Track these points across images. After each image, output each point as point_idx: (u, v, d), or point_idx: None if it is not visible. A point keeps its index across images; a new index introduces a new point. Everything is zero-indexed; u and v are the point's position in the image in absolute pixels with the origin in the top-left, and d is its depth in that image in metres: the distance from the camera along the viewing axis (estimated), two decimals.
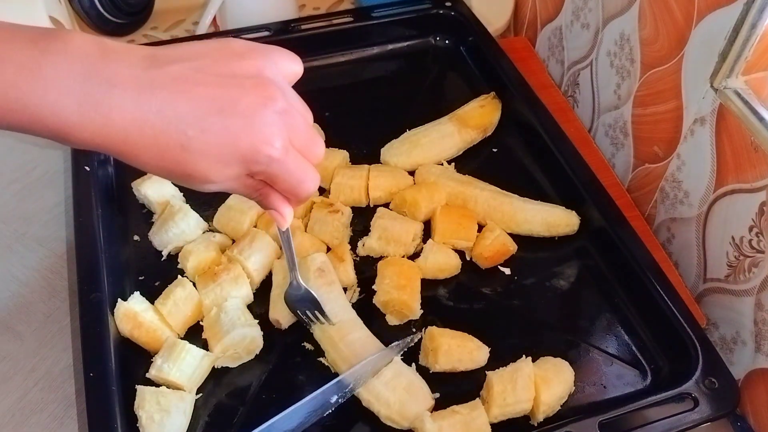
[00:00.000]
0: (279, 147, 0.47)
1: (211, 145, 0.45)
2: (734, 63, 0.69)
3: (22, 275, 0.79)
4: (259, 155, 0.46)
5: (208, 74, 0.46)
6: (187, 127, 0.44)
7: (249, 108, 0.46)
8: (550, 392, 0.63)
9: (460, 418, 0.61)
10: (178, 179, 0.47)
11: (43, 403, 0.70)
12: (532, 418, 0.64)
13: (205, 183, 0.48)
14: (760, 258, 0.68)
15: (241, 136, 0.45)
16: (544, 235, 0.78)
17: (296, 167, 0.49)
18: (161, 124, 0.43)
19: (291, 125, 0.48)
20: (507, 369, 0.64)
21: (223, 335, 0.65)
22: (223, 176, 0.47)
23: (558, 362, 0.66)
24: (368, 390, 0.63)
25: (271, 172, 0.48)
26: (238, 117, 0.45)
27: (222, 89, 0.45)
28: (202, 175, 0.46)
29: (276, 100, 0.47)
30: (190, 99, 0.44)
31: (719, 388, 0.62)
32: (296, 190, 0.51)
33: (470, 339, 0.67)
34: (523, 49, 1.10)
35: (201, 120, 0.44)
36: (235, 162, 0.46)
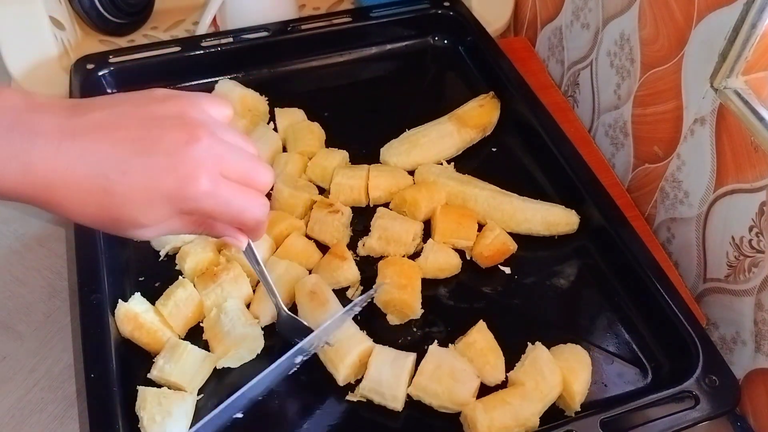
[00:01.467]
0: (206, 182, 0.46)
1: (133, 187, 0.44)
2: (734, 63, 0.69)
3: (22, 275, 0.79)
4: (185, 192, 0.45)
5: (129, 118, 0.45)
6: (109, 171, 0.44)
7: (171, 146, 0.45)
8: (579, 380, 0.64)
9: (510, 408, 0.61)
10: (108, 226, 0.47)
11: (43, 403, 0.70)
12: (568, 410, 0.65)
13: (137, 227, 0.47)
14: (760, 258, 0.69)
15: (164, 175, 0.45)
16: (544, 234, 0.78)
17: (233, 198, 0.48)
18: (83, 169, 0.43)
19: (221, 158, 0.47)
20: (525, 363, 0.65)
21: (224, 336, 0.65)
22: (153, 218, 0.46)
23: (573, 348, 0.67)
24: (415, 386, 0.63)
25: (204, 208, 0.47)
26: (160, 156, 0.45)
27: (143, 131, 0.45)
28: (129, 219, 0.46)
29: (200, 137, 0.46)
30: (111, 143, 0.44)
31: (720, 386, 0.62)
32: (240, 219, 0.50)
33: (497, 356, 0.66)
34: (523, 49, 1.11)
35: (122, 162, 0.44)
36: (161, 202, 0.45)
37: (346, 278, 0.72)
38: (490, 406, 0.61)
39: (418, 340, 0.70)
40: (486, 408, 0.61)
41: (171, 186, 0.45)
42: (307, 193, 0.79)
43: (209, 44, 0.95)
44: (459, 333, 0.69)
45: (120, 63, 0.92)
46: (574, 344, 0.68)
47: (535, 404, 0.62)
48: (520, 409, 0.61)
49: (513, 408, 0.61)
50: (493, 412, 0.61)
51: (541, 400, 0.63)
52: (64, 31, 0.99)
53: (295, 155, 0.83)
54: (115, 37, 1.07)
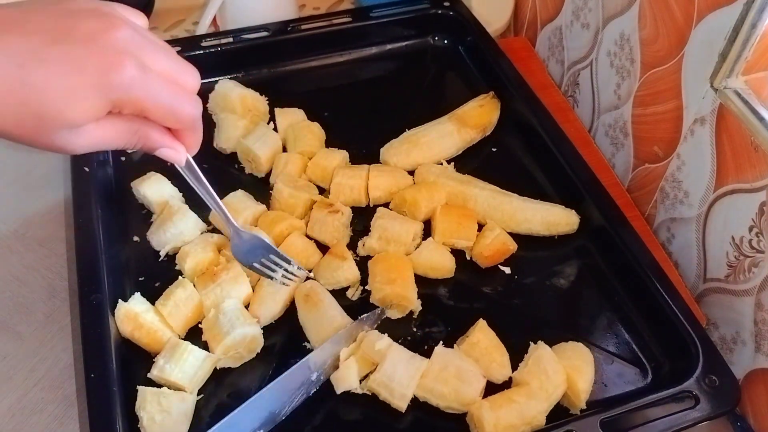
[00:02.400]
0: (131, 67, 0.43)
1: (54, 74, 0.41)
2: (734, 63, 0.69)
3: (22, 275, 0.79)
4: (110, 77, 0.42)
5: (39, 12, 0.43)
6: (24, 61, 0.41)
7: (88, 34, 0.43)
8: (584, 379, 0.64)
9: (516, 407, 0.61)
10: (31, 130, 0.43)
11: (43, 403, 0.70)
12: (573, 408, 0.65)
13: (65, 126, 0.43)
14: (760, 258, 0.69)
15: (85, 60, 0.42)
16: (544, 234, 0.78)
17: (163, 88, 0.46)
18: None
19: (143, 48, 0.45)
20: (529, 363, 0.65)
21: (223, 336, 0.65)
22: (80, 111, 0.43)
23: (575, 346, 0.67)
24: (421, 388, 0.63)
25: (133, 96, 0.44)
26: (79, 43, 0.42)
27: (56, 22, 0.42)
28: (55, 113, 0.42)
29: (118, 26, 0.44)
30: (22, 34, 0.41)
31: (720, 385, 0.62)
32: (174, 112, 0.47)
33: (502, 354, 0.67)
34: (523, 49, 1.11)
35: (37, 52, 0.41)
36: (87, 90, 0.42)
37: (346, 278, 0.72)
38: (497, 405, 0.62)
39: (418, 340, 0.70)
40: (492, 406, 0.61)
41: (94, 72, 0.42)
42: (307, 193, 0.79)
43: (209, 44, 0.94)
44: (459, 333, 0.69)
45: None
46: (576, 342, 0.68)
47: (541, 403, 0.62)
48: (526, 407, 0.61)
49: (519, 407, 0.61)
50: (499, 411, 0.61)
51: (546, 399, 0.63)
52: None
53: (295, 155, 0.83)
54: None
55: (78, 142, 0.45)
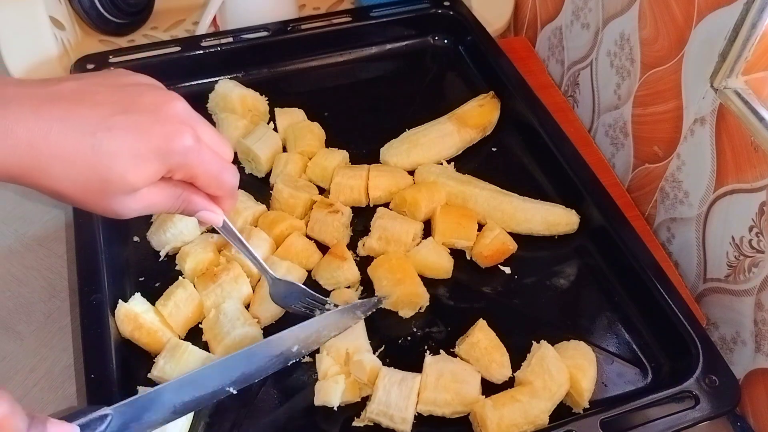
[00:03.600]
0: (189, 137, 0.47)
1: (121, 141, 0.44)
2: (734, 63, 0.69)
3: (22, 275, 0.79)
4: (173, 144, 0.46)
5: (102, 86, 0.46)
6: (95, 129, 0.44)
7: (152, 104, 0.46)
8: (587, 378, 0.64)
9: (520, 406, 0.61)
10: (93, 193, 0.46)
11: (43, 403, 0.70)
12: (576, 407, 0.65)
13: (125, 190, 0.46)
14: (760, 258, 0.69)
15: (151, 128, 0.45)
16: (544, 234, 0.78)
17: (212, 157, 0.50)
18: (66, 129, 0.43)
19: (195, 120, 0.49)
20: (531, 362, 0.65)
21: (224, 336, 0.65)
22: (142, 175, 0.46)
23: (577, 345, 0.68)
24: (423, 402, 0.63)
25: (189, 162, 0.48)
26: (144, 113, 0.46)
27: (121, 94, 0.46)
28: (119, 177, 0.45)
29: (175, 98, 0.48)
30: (90, 106, 0.44)
31: (720, 385, 0.62)
32: (219, 180, 0.51)
33: (502, 354, 0.67)
34: (523, 49, 1.11)
35: (106, 120, 0.44)
36: (151, 156, 0.46)
37: (346, 278, 0.72)
38: (500, 404, 0.62)
39: (419, 340, 0.70)
40: (495, 405, 0.61)
41: (159, 138, 0.46)
42: (307, 193, 0.79)
43: (209, 44, 0.94)
44: (459, 333, 0.69)
45: (120, 63, 0.91)
46: (578, 341, 0.68)
47: (544, 402, 0.62)
48: (530, 406, 0.61)
49: (522, 406, 0.61)
50: (502, 409, 0.61)
51: (549, 398, 0.63)
52: (64, 31, 0.99)
53: (295, 155, 0.83)
54: (115, 37, 1.07)
55: (132, 206, 0.48)
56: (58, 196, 0.46)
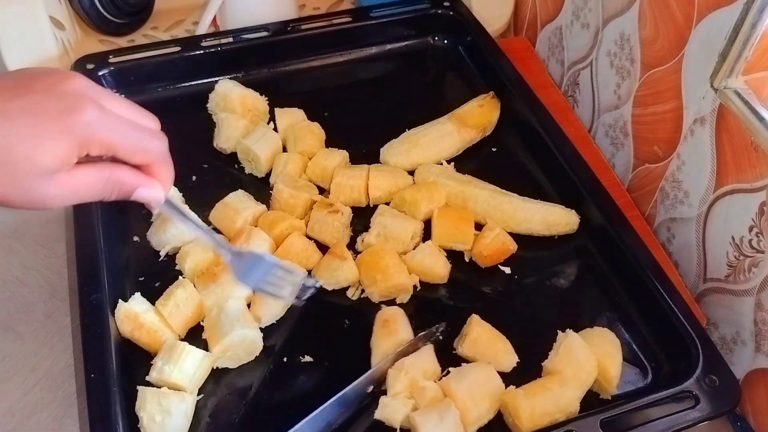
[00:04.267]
0: (91, 106, 0.46)
1: (17, 124, 0.44)
2: (734, 63, 0.69)
3: (22, 275, 0.79)
4: (73, 117, 0.45)
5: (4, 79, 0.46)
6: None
7: (47, 84, 0.45)
8: (615, 364, 0.65)
9: (551, 395, 0.62)
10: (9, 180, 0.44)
11: (43, 403, 0.70)
12: (604, 393, 0.66)
13: (37, 171, 0.44)
14: (760, 258, 0.69)
15: (47, 105, 0.44)
16: (544, 234, 0.78)
17: (126, 124, 0.48)
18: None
19: (100, 93, 0.47)
20: (559, 351, 0.65)
21: (222, 336, 0.65)
22: (48, 154, 0.44)
23: (602, 332, 0.68)
24: (473, 424, 0.62)
25: (98, 132, 0.46)
26: (38, 93, 0.45)
27: (18, 82, 0.46)
28: (24, 158, 0.44)
29: (72, 76, 0.47)
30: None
31: (720, 385, 0.62)
32: (144, 146, 0.49)
33: (504, 342, 0.67)
34: (523, 49, 1.11)
35: (1, 106, 0.44)
36: (53, 133, 0.44)
37: (345, 278, 0.72)
38: (531, 393, 0.62)
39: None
40: (527, 395, 0.62)
41: (55, 113, 0.44)
42: (307, 193, 0.79)
43: (209, 44, 0.94)
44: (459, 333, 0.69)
45: (120, 63, 0.92)
46: (602, 328, 0.69)
47: (574, 390, 0.63)
48: (561, 395, 0.62)
49: (553, 394, 0.62)
50: (534, 399, 0.61)
51: (579, 386, 0.63)
52: (64, 31, 0.99)
53: (295, 155, 0.83)
54: (115, 37, 1.07)
55: (52, 191, 0.46)
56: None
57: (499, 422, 0.64)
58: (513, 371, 0.67)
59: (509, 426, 0.63)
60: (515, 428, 0.62)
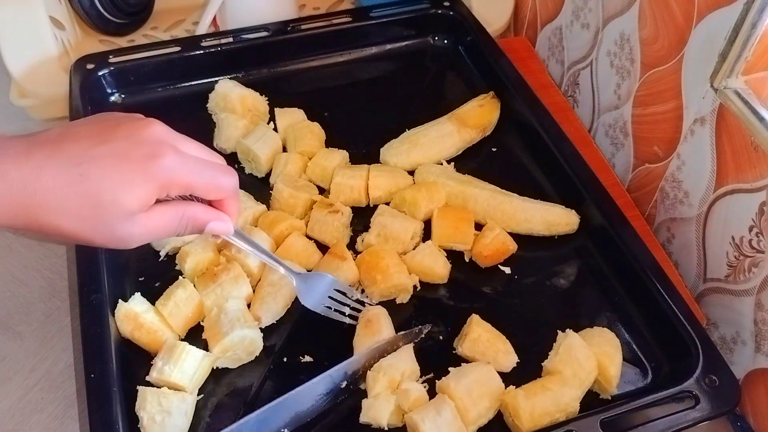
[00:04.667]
0: (170, 152, 0.50)
1: (106, 168, 0.47)
2: (734, 63, 0.69)
3: (22, 275, 0.79)
4: (156, 163, 0.49)
5: (84, 125, 0.50)
6: (80, 160, 0.47)
7: (129, 130, 0.50)
8: (615, 364, 0.65)
9: (551, 394, 0.62)
10: (93, 220, 0.48)
11: (43, 403, 0.70)
12: (604, 393, 0.66)
13: (121, 214, 0.48)
14: (760, 258, 0.69)
15: (131, 152, 0.48)
16: (544, 234, 0.78)
17: (202, 165, 0.52)
18: (54, 164, 0.47)
19: (175, 138, 0.52)
20: (559, 351, 0.65)
21: (222, 336, 0.65)
22: (133, 198, 0.48)
23: (602, 332, 0.68)
24: (473, 423, 0.62)
25: (179, 176, 0.50)
26: (122, 140, 0.49)
27: (99, 127, 0.50)
28: (110, 202, 0.48)
29: (151, 123, 0.51)
30: (74, 141, 0.48)
31: (720, 385, 0.62)
32: (216, 183, 0.53)
33: (504, 342, 0.67)
34: (523, 49, 1.11)
35: (88, 151, 0.48)
36: (137, 178, 0.48)
37: (346, 278, 0.72)
38: (531, 393, 0.62)
39: (420, 339, 0.70)
40: (527, 395, 0.62)
41: (139, 159, 0.48)
42: (307, 193, 0.79)
43: (209, 44, 0.94)
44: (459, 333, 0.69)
45: (120, 63, 0.92)
46: (602, 328, 0.69)
47: (574, 390, 0.63)
48: (561, 395, 0.62)
49: (554, 394, 0.62)
50: (534, 399, 0.61)
51: (579, 386, 0.63)
52: (64, 31, 0.99)
53: (295, 155, 0.83)
54: (115, 37, 1.07)
55: (134, 231, 0.50)
56: (60, 232, 0.48)
57: (500, 422, 0.64)
58: (513, 371, 0.67)
59: (509, 426, 0.63)
60: (515, 428, 0.62)
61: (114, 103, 0.93)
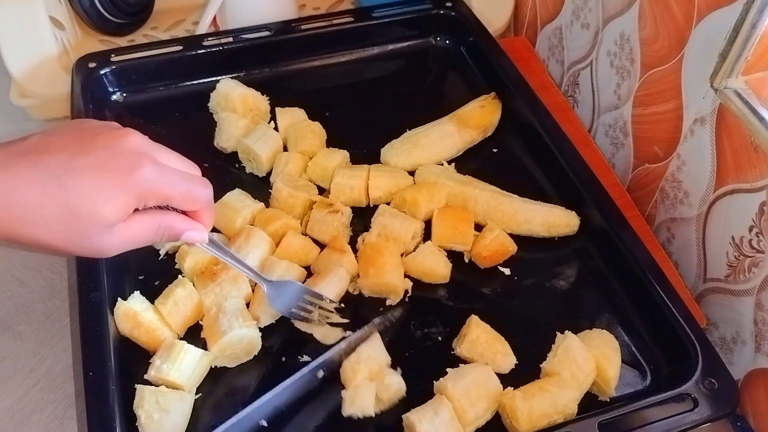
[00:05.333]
0: (149, 164, 0.50)
1: (86, 180, 0.47)
2: (734, 63, 0.69)
3: (22, 275, 0.79)
4: (135, 174, 0.49)
5: (63, 134, 0.50)
6: (60, 172, 0.47)
7: (107, 141, 0.50)
8: (613, 366, 0.65)
9: (549, 396, 0.62)
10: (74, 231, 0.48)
11: (43, 403, 0.70)
12: (603, 395, 0.66)
13: (100, 225, 0.48)
14: (760, 258, 0.68)
15: (110, 163, 0.49)
16: (544, 235, 0.78)
17: (179, 176, 0.53)
18: (33, 176, 0.46)
19: (154, 149, 0.52)
20: (558, 353, 0.65)
21: (220, 335, 0.65)
22: (112, 209, 0.48)
23: (600, 333, 0.68)
24: (471, 424, 0.62)
25: (156, 187, 0.51)
26: (100, 150, 0.49)
27: (78, 137, 0.50)
28: (89, 213, 0.48)
29: (129, 133, 0.51)
30: (53, 152, 0.48)
31: (719, 388, 0.62)
32: (194, 196, 0.54)
33: (503, 343, 0.67)
34: (523, 49, 1.10)
35: (68, 163, 0.47)
36: (116, 189, 0.48)
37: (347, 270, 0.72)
38: (529, 394, 0.62)
39: (418, 340, 0.70)
40: (525, 396, 0.62)
41: (118, 172, 0.49)
42: (306, 193, 0.79)
43: (211, 44, 0.95)
44: (458, 333, 0.69)
45: (122, 62, 0.92)
46: (601, 330, 0.69)
47: (572, 392, 0.63)
48: (559, 396, 0.62)
49: (552, 396, 0.62)
50: (532, 400, 0.61)
51: (578, 388, 0.63)
52: (64, 31, 0.99)
53: (296, 155, 0.83)
54: (115, 37, 1.07)
55: (113, 242, 0.50)
56: (38, 244, 0.48)
57: (498, 424, 0.64)
58: (511, 372, 0.67)
59: (507, 427, 0.63)
60: (513, 430, 0.62)
61: (116, 101, 0.93)
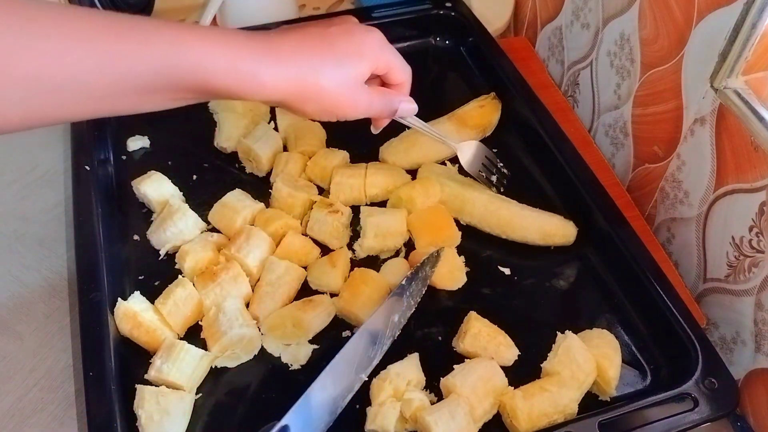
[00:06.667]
0: (377, 37, 0.60)
1: (341, 46, 0.58)
2: (734, 63, 0.69)
3: (22, 275, 0.79)
4: (371, 45, 0.59)
5: (313, 37, 0.58)
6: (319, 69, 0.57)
7: (354, 43, 0.59)
8: (614, 366, 0.65)
9: (549, 395, 0.62)
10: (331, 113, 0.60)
11: (43, 403, 0.70)
12: (603, 395, 0.66)
13: (356, 79, 0.59)
14: (760, 258, 0.68)
15: (353, 40, 0.59)
16: (539, 243, 0.77)
17: (397, 54, 0.63)
18: (296, 76, 0.56)
19: (386, 48, 0.62)
20: (558, 353, 0.65)
21: (221, 335, 0.65)
22: (358, 70, 0.58)
23: (601, 333, 0.68)
24: (482, 420, 0.62)
25: (386, 56, 0.61)
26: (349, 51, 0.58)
27: (328, 40, 0.58)
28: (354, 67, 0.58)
29: (368, 31, 0.61)
30: (310, 56, 0.57)
31: (719, 388, 0.62)
32: (406, 68, 0.64)
33: (504, 335, 0.68)
34: (523, 49, 1.10)
35: (324, 63, 0.57)
36: (357, 57, 0.58)
37: (328, 284, 0.72)
38: (529, 394, 0.62)
39: (418, 340, 0.70)
40: (525, 395, 0.62)
41: (357, 44, 0.59)
42: (306, 193, 0.79)
43: None
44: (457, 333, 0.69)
45: None
46: (601, 330, 0.69)
47: (573, 391, 0.63)
48: (559, 396, 0.62)
49: (552, 395, 0.62)
50: (532, 400, 0.61)
51: (578, 387, 0.63)
52: None
53: (296, 155, 0.83)
54: None
55: (362, 98, 0.61)
56: (303, 114, 0.59)
57: (498, 423, 0.64)
58: (512, 371, 0.66)
59: (507, 427, 0.63)
60: (513, 429, 0.62)
61: None
